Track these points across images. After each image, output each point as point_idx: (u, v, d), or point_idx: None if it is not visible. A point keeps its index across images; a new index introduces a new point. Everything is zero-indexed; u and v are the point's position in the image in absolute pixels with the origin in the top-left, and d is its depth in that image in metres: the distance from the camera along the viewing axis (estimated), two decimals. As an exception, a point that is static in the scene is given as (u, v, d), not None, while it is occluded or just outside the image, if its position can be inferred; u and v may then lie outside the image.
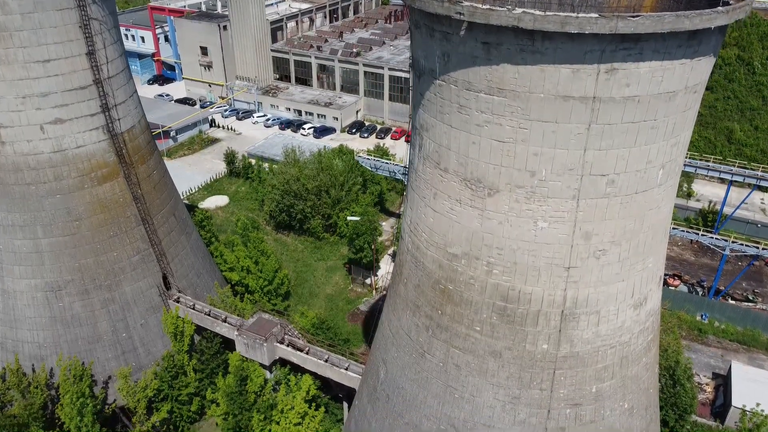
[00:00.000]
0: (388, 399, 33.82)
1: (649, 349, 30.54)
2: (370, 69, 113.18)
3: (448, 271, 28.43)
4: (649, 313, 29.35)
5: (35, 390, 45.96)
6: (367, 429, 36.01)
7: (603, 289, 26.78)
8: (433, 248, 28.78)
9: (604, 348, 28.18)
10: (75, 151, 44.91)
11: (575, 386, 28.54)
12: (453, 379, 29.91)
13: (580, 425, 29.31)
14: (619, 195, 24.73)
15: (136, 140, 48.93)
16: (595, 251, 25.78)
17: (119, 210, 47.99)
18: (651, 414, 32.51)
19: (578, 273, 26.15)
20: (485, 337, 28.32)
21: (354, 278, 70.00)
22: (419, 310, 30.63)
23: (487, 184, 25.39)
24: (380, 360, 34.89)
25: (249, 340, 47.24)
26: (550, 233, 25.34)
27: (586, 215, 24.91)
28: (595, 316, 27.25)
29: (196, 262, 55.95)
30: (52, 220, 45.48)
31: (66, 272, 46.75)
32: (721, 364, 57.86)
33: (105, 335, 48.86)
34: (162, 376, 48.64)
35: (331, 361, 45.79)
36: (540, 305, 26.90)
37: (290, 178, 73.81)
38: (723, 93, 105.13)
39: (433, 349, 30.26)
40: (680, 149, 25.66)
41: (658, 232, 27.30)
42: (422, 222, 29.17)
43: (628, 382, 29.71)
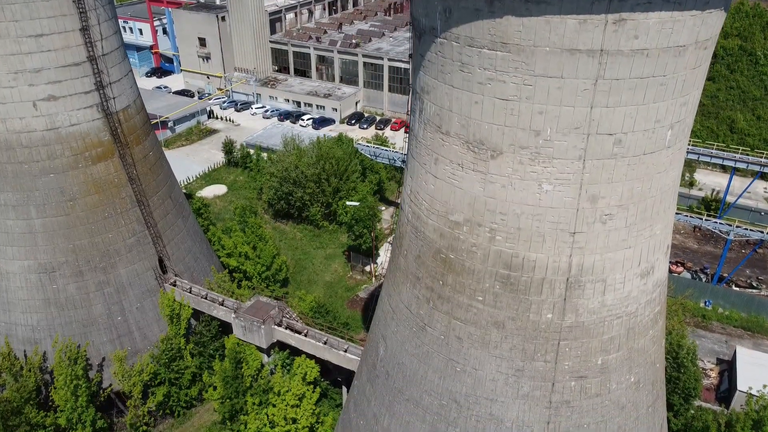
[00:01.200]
0: (387, 376, 33.00)
1: (656, 321, 29.73)
2: (369, 60, 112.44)
3: (449, 240, 27.61)
4: (657, 284, 28.54)
5: (28, 373, 45.12)
6: (366, 408, 35.18)
7: (609, 256, 25.96)
8: (434, 216, 27.96)
9: (610, 318, 27.35)
10: (69, 130, 44.10)
11: (580, 358, 27.72)
12: (454, 352, 29.09)
13: (585, 398, 28.49)
14: (626, 156, 23.91)
15: (131, 120, 48.12)
16: (601, 215, 24.96)
17: (114, 191, 47.18)
18: (657, 390, 31.69)
19: (584, 239, 25.33)
20: (488, 307, 27.50)
21: (353, 266, 69.20)
22: (419, 282, 29.81)
23: (490, 146, 24.57)
24: (380, 336, 34.07)
25: (246, 323, 46.44)
26: (555, 196, 24.52)
27: (592, 177, 24.09)
28: (601, 284, 26.43)
29: (193, 246, 55.15)
30: (46, 199, 44.67)
31: (60, 253, 45.94)
32: (726, 349, 57.11)
33: (100, 318, 48.05)
34: (159, 358, 47.82)
35: (329, 343, 45.00)
36: (544, 273, 26.07)
37: (289, 165, 72.98)
38: (725, 83, 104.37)
39: (434, 321, 29.44)
40: (689, 109, 24.85)
41: (666, 198, 26.49)
42: (422, 190, 28.35)
43: (634, 354, 28.89)
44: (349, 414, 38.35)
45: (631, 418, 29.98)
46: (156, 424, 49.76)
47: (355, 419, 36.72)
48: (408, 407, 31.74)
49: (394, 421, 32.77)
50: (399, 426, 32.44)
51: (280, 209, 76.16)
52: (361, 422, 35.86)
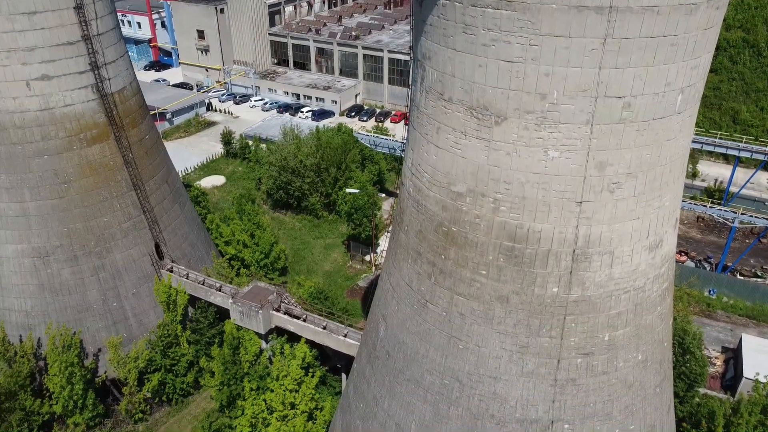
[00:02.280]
0: (388, 356, 32.17)
1: (664, 298, 28.90)
2: (369, 52, 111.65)
3: (451, 212, 26.78)
4: (665, 258, 27.72)
5: (21, 359, 44.30)
6: (365, 390, 34.36)
7: (617, 227, 25.12)
8: (436, 188, 27.14)
9: (618, 293, 26.52)
10: (63, 110, 43.29)
11: (587, 334, 26.89)
12: (457, 329, 28.26)
13: (591, 376, 27.66)
14: (635, 121, 23.08)
15: (127, 102, 47.31)
16: (609, 184, 24.13)
17: (109, 174, 46.38)
18: (665, 370, 30.86)
19: (591, 208, 24.50)
20: (491, 281, 26.67)
21: (353, 255, 68.40)
22: (421, 258, 28.99)
23: (495, 111, 23.74)
24: (380, 316, 33.25)
25: (244, 308, 45.62)
26: (561, 163, 23.69)
27: (600, 143, 23.26)
28: (608, 256, 25.60)
29: (191, 233, 54.34)
30: (40, 182, 43.87)
31: (54, 237, 45.13)
32: (731, 338, 56.32)
33: (95, 304, 47.24)
34: (155, 344, 46.99)
35: (329, 328, 44.19)
36: (550, 244, 25.25)
37: (288, 155, 72.15)
38: (728, 75, 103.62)
39: (436, 297, 28.61)
40: (700, 74, 24.03)
41: (676, 168, 25.67)
42: (424, 161, 27.53)
43: (642, 331, 28.06)
44: (348, 398, 37.53)
45: (638, 398, 29.16)
46: (152, 412, 48.95)
47: (355, 403, 35.90)
48: (409, 387, 30.92)
49: (394, 403, 31.95)
50: (400, 407, 31.61)
51: (278, 199, 75.34)
52: (361, 405, 35.04)
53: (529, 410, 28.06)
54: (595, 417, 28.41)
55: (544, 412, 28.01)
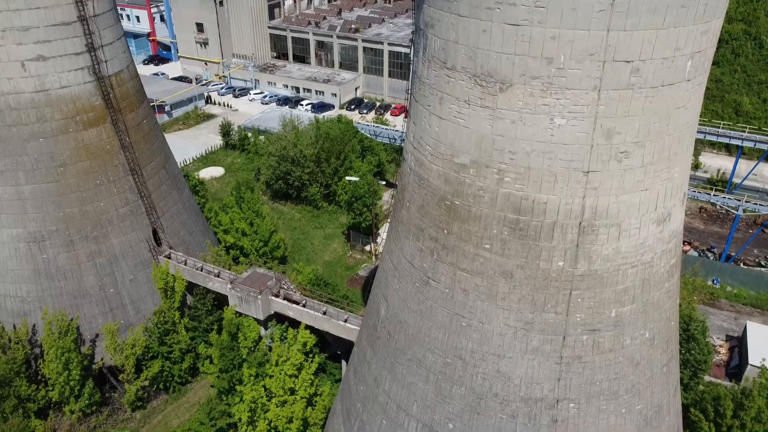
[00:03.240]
0: (389, 336, 31.54)
1: (672, 275, 28.28)
2: (369, 45, 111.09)
3: (455, 185, 26.15)
4: (673, 234, 27.10)
5: (16, 346, 43.63)
6: (366, 373, 33.71)
7: (624, 198, 24.50)
8: (439, 161, 26.50)
9: (625, 267, 25.89)
10: (59, 92, 42.65)
11: (593, 309, 26.26)
12: (460, 306, 27.62)
13: (597, 354, 27.03)
14: (644, 87, 22.45)
15: (124, 86, 46.66)
16: (616, 153, 23.50)
17: (106, 158, 45.73)
18: (672, 349, 30.24)
19: (598, 178, 23.87)
20: (495, 255, 26.04)
21: (353, 245, 67.77)
22: (423, 234, 28.35)
23: (499, 77, 23.11)
24: (381, 297, 32.62)
25: (243, 294, 44.98)
26: (568, 131, 23.06)
27: (607, 110, 22.63)
28: (615, 229, 24.98)
29: (189, 220, 53.69)
30: (35, 165, 43.22)
31: (50, 222, 44.48)
32: (735, 326, 55.72)
33: (92, 290, 46.58)
34: (152, 331, 46.34)
35: (329, 313, 43.57)
36: (556, 216, 24.62)
37: (287, 144, 71.51)
38: (730, 67, 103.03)
39: (439, 274, 27.98)
40: (710, 39, 23.40)
41: (684, 138, 25.05)
42: (426, 134, 26.89)
43: (649, 308, 27.43)
44: (348, 382, 36.89)
45: (645, 377, 28.54)
46: (149, 399, 48.29)
47: (355, 386, 35.26)
48: (410, 368, 30.29)
49: (395, 384, 31.31)
50: (401, 388, 30.99)
51: (278, 189, 74.70)
52: (361, 388, 34.40)
53: (534, 389, 27.43)
54: (601, 396, 27.79)
55: (549, 391, 27.39)
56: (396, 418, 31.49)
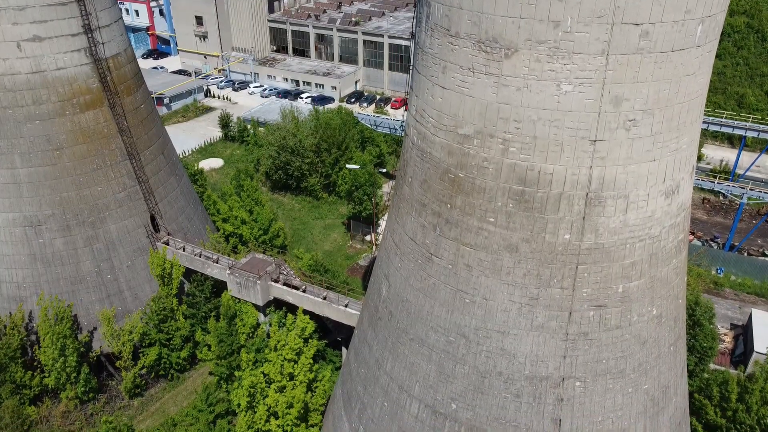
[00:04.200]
0: (391, 316, 30.93)
1: (680, 250, 27.69)
2: (369, 38, 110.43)
3: (458, 157, 25.55)
4: (681, 207, 26.50)
5: (12, 331, 43.00)
6: (367, 354, 33.09)
7: (632, 169, 23.90)
8: (442, 133, 25.91)
9: (632, 240, 25.29)
10: (55, 74, 42.05)
11: (600, 284, 25.66)
12: (463, 282, 27.02)
13: (604, 330, 26.42)
14: (653, 51, 21.84)
15: (121, 69, 46.06)
16: (624, 121, 22.90)
17: (103, 141, 45.12)
18: (680, 329, 29.63)
19: (606, 147, 23.27)
20: (500, 229, 25.43)
21: (353, 235, 67.16)
22: (425, 209, 27.75)
23: (504, 43, 22.51)
24: (382, 276, 32.00)
25: (241, 279, 44.35)
26: (575, 98, 22.46)
27: (616, 75, 22.03)
28: (623, 201, 24.37)
29: (187, 207, 53.08)
30: (31, 148, 42.63)
31: (46, 206, 43.88)
32: (739, 315, 55.14)
33: (89, 276, 45.97)
34: (150, 318, 45.70)
35: (329, 298, 42.94)
36: (562, 187, 24.02)
37: (287, 134, 70.89)
38: (732, 60, 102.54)
39: (441, 249, 27.37)
40: (720, 4, 22.81)
41: (694, 108, 24.45)
42: (429, 105, 26.29)
43: (657, 284, 26.83)
44: (349, 366, 36.28)
45: (652, 355, 27.93)
46: (147, 387, 47.67)
47: (356, 369, 34.65)
48: (413, 347, 29.68)
49: (397, 365, 30.70)
50: (403, 368, 30.37)
51: (277, 180, 74.09)
52: (362, 370, 33.78)
53: (539, 367, 26.83)
54: (608, 374, 27.18)
55: (555, 369, 26.78)
56: (398, 400, 30.89)
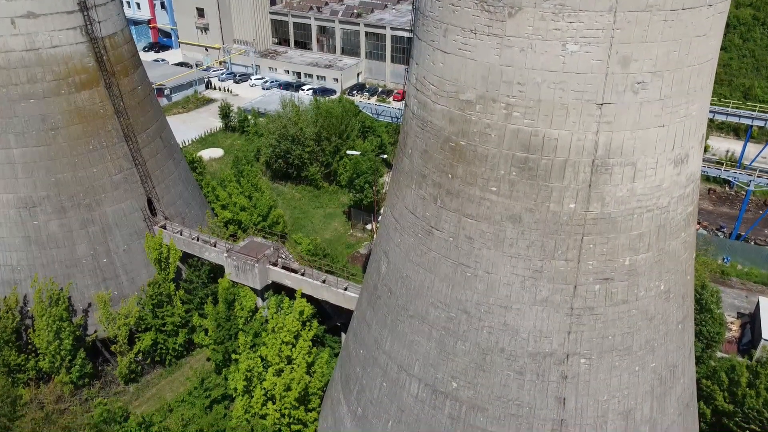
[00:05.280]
0: (390, 294, 30.09)
1: (689, 224, 26.80)
2: (371, 30, 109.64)
3: (460, 124, 24.71)
4: (690, 178, 25.62)
5: (6, 314, 42.27)
6: (366, 334, 32.27)
7: (640, 135, 23.02)
8: (443, 99, 25.07)
9: (640, 211, 24.41)
10: (50, 51, 41.31)
11: (606, 256, 24.78)
12: (464, 255, 26.16)
13: (610, 305, 25.54)
14: (663, 9, 20.97)
15: (118, 49, 45.32)
16: (633, 83, 22.03)
17: (99, 122, 44.38)
18: (687, 306, 28.74)
19: (613, 111, 22.40)
20: (503, 198, 24.58)
21: (354, 224, 66.38)
22: (426, 180, 26.91)
23: (508, 1, 21.65)
24: (381, 254, 31.18)
25: (239, 262, 43.57)
26: (581, 59, 21.60)
27: (623, 34, 21.16)
28: (630, 168, 23.50)
29: (185, 192, 52.33)
30: (26, 127, 41.90)
31: (41, 187, 43.17)
32: (746, 304, 54.22)
33: (84, 259, 45.23)
34: (146, 303, 44.93)
35: (328, 281, 42.12)
36: (567, 153, 23.16)
37: (287, 122, 70.13)
38: (738, 52, 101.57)
39: (442, 222, 26.53)
40: (734, -39, 22.01)
41: (704, 72, 23.56)
42: (430, 72, 25.45)
43: (665, 258, 25.94)
44: (348, 347, 35.48)
45: (660, 333, 27.05)
46: (144, 373, 46.92)
47: (354, 350, 33.83)
48: (412, 325, 28.84)
49: (396, 343, 29.87)
50: (402, 347, 29.54)
51: (278, 169, 73.34)
52: (361, 351, 32.96)
53: (543, 343, 25.96)
54: (614, 351, 26.30)
55: (559, 345, 25.92)
56: (397, 380, 30.06)
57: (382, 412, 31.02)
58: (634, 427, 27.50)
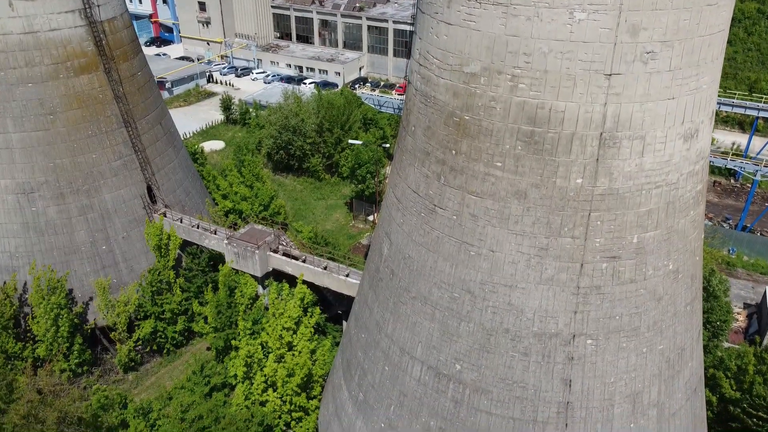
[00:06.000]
0: (392, 275, 29.54)
1: (698, 202, 26.21)
2: (374, 23, 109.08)
3: (464, 98, 24.14)
4: (700, 154, 25.02)
5: (4, 301, 41.80)
6: (368, 318, 31.72)
7: (650, 107, 22.43)
8: (447, 73, 24.51)
9: (649, 187, 23.82)
10: (48, 35, 40.83)
11: (613, 234, 24.19)
12: (468, 234, 25.60)
13: (618, 284, 24.95)
14: (673, -25, 20.46)
15: (117, 33, 44.83)
16: (642, 53, 21.44)
17: (98, 107, 43.87)
18: (696, 288, 28.15)
19: (621, 82, 21.82)
20: (508, 173, 24.01)
21: (355, 215, 65.84)
22: (429, 157, 26.35)
23: (514, -32, 21.14)
24: (383, 235, 30.63)
25: (239, 249, 43.04)
26: (589, 27, 21.02)
27: (633, 1, 20.57)
28: (639, 142, 22.91)
29: (185, 180, 51.82)
30: (24, 111, 41.43)
31: (39, 172, 42.69)
32: (752, 295, 53.56)
33: (83, 246, 44.75)
34: (145, 290, 44.44)
35: (329, 268, 41.57)
36: (574, 126, 22.58)
37: (288, 113, 69.60)
38: (743, 46, 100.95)
39: (445, 200, 25.97)
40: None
41: (715, 44, 22.97)
42: (434, 45, 24.89)
43: (673, 236, 25.35)
44: (349, 333, 34.94)
45: (668, 314, 26.45)
46: (143, 362, 46.43)
47: (356, 335, 33.28)
48: (415, 306, 28.28)
49: (398, 326, 29.31)
50: (404, 329, 28.98)
51: (279, 160, 72.82)
52: (362, 336, 32.42)
53: (548, 323, 25.39)
54: (621, 332, 25.72)
55: (565, 325, 25.34)
56: (399, 363, 29.50)
57: (384, 396, 30.47)
58: (641, 410, 26.93)
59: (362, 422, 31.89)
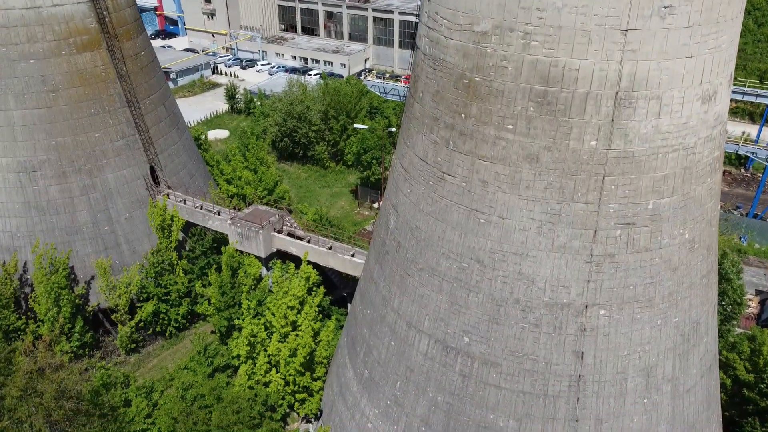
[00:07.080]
0: (399, 247, 28.82)
1: (715, 170, 25.42)
2: (379, 15, 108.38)
3: (474, 58, 23.41)
4: (718, 118, 24.23)
5: (5, 281, 41.28)
6: (374, 294, 31.01)
7: (667, 65, 21.65)
8: (457, 34, 23.78)
9: (665, 150, 23.03)
10: (50, 10, 40.30)
11: (628, 199, 23.41)
12: (478, 200, 24.87)
13: (632, 252, 24.16)
14: (693, -76, 19.70)
15: (121, 11, 44.31)
16: (659, 7, 20.66)
17: (101, 86, 43.34)
18: (712, 260, 27.32)
19: (638, 38, 21.04)
20: (519, 136, 23.26)
21: (360, 202, 65.19)
22: (438, 123, 25.63)
23: None
24: (390, 208, 29.93)
25: (243, 229, 42.40)
26: (605, -21, 20.31)
27: (651, -48, 19.90)
28: (656, 102, 22.13)
29: (189, 162, 51.25)
30: (26, 88, 40.92)
31: (41, 150, 42.17)
32: (765, 282, 52.60)
33: (85, 227, 44.21)
34: (148, 271, 43.85)
35: (335, 248, 40.88)
36: (589, 85, 21.82)
37: (294, 100, 68.98)
38: (753, 37, 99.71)
39: (455, 166, 25.23)
40: None
41: (735, 1, 22.16)
42: (443, 6, 24.15)
43: (690, 204, 24.55)
44: (354, 310, 34.27)
45: (684, 285, 25.65)
46: (145, 344, 45.85)
47: (361, 311, 32.60)
48: (422, 278, 27.55)
49: (405, 299, 28.60)
50: (411, 303, 28.27)
51: (284, 148, 72.20)
52: (368, 312, 31.72)
53: (560, 293, 24.63)
54: (635, 303, 24.93)
55: (578, 295, 24.58)
56: (406, 337, 28.79)
57: (390, 372, 29.76)
58: (655, 384, 26.14)
59: (367, 400, 31.19)
